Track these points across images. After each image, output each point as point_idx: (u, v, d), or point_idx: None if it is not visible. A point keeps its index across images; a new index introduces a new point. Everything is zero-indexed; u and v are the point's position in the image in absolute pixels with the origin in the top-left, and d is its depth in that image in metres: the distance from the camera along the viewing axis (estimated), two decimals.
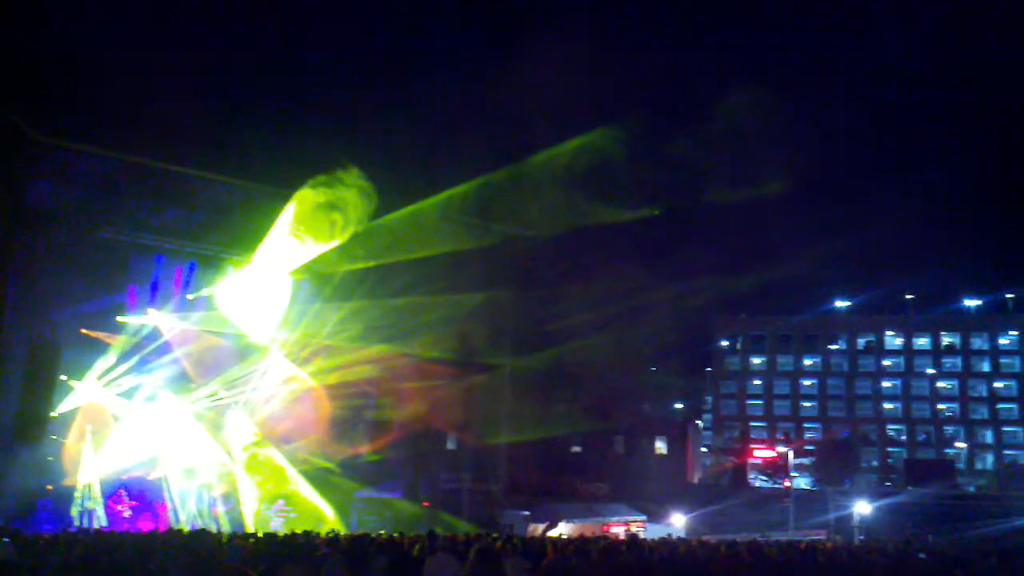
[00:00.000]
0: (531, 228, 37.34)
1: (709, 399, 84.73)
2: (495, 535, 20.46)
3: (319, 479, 34.78)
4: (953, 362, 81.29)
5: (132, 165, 28.76)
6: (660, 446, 66.45)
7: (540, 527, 40.94)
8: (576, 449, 62.52)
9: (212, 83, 31.91)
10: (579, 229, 39.10)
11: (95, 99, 27.57)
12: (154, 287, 31.93)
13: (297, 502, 34.00)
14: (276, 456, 34.46)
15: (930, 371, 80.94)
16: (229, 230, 31.17)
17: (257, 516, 32.95)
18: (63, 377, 29.73)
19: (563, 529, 39.62)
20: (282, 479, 34.23)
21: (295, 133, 32.87)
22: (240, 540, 16.23)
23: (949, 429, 79.60)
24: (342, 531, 24.81)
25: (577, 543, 18.24)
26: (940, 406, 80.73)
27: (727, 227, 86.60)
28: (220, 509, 33.02)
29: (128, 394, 31.96)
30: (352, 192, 30.39)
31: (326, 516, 33.76)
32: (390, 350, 35.81)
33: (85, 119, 27.07)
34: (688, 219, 79.61)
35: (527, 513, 44.28)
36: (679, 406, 78.81)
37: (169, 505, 32.00)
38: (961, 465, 74.40)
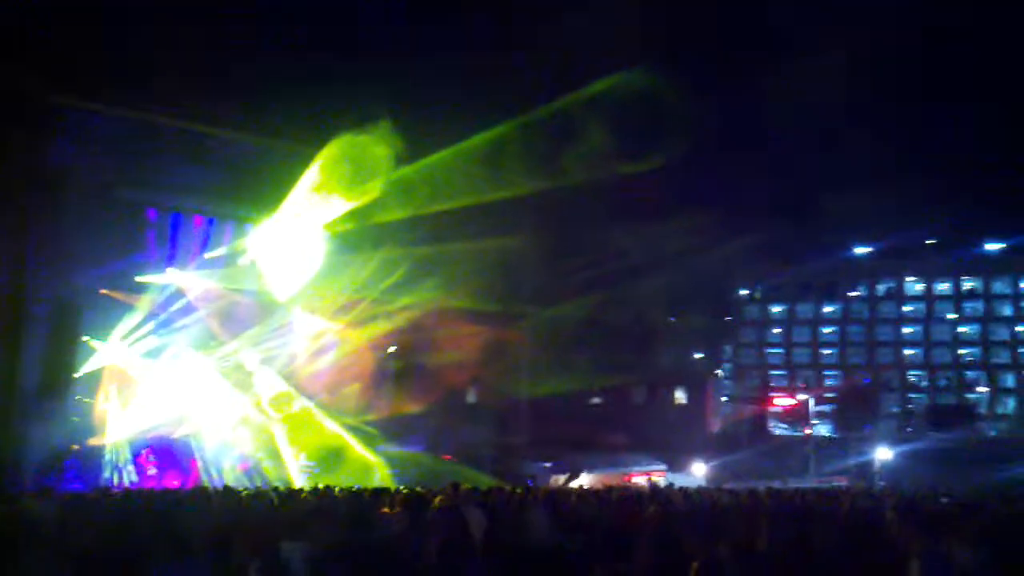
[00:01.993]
0: (553, 178, 37.06)
1: (728, 348, 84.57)
2: (517, 488, 20.56)
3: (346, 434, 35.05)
4: (974, 307, 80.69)
5: (149, 124, 28.66)
6: (680, 396, 66.61)
7: (562, 478, 41.26)
8: (596, 400, 62.71)
9: (231, 39, 31.55)
10: (601, 178, 38.85)
11: (111, 58, 27.41)
12: (173, 246, 31.98)
13: (333, 457, 34.24)
14: (310, 411, 34.69)
15: (951, 316, 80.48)
16: (248, 188, 31.07)
17: (273, 472, 33.24)
18: (85, 338, 29.93)
19: (585, 480, 39.90)
20: (317, 434, 34.48)
21: (319, 88, 32.59)
22: (269, 497, 16.38)
23: (970, 374, 79.31)
24: (391, 487, 25.06)
25: (599, 493, 18.36)
26: (961, 351, 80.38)
27: (746, 175, 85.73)
28: (248, 465, 33.34)
29: (152, 353, 32.15)
30: (381, 146, 30.25)
31: (369, 470, 34.12)
32: (415, 302, 35.87)
33: (101, 78, 26.94)
34: (706, 168, 79.15)
35: (549, 465, 44.62)
36: (698, 356, 78.72)
37: (197, 463, 32.32)
38: (982, 410, 74.20)
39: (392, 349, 38.61)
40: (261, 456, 33.80)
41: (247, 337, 33.76)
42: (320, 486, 20.89)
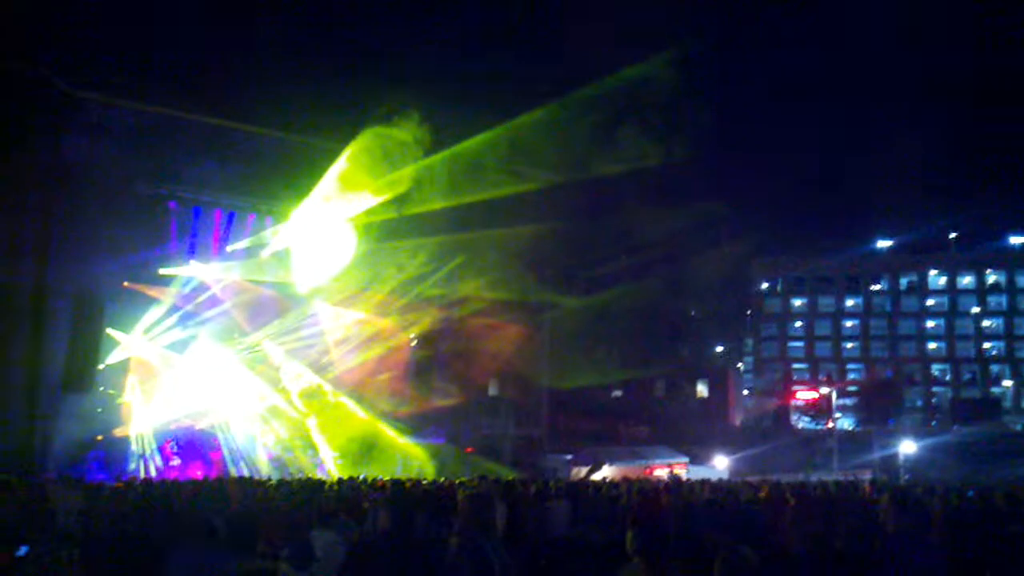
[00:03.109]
0: (574, 171, 36.98)
1: (750, 342, 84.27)
2: (539, 481, 20.57)
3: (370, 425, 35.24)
4: (998, 300, 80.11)
5: (169, 118, 28.82)
6: (701, 389, 66.44)
7: (583, 470, 41.17)
8: (617, 394, 62.66)
9: (253, 34, 31.67)
10: (621, 172, 38.74)
11: (130, 51, 27.59)
12: (194, 238, 32.15)
13: (365, 449, 34.40)
14: (339, 402, 34.86)
15: (975, 310, 79.88)
16: (269, 181, 31.25)
17: (301, 463, 33.42)
18: (108, 330, 30.15)
19: (606, 472, 39.83)
20: (347, 425, 34.64)
21: (343, 81, 32.68)
22: (295, 486, 16.43)
23: (995, 367, 78.75)
24: (430, 476, 25.19)
25: (619, 485, 18.32)
26: (985, 344, 79.82)
27: (767, 167, 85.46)
28: (274, 455, 33.52)
29: (176, 346, 32.36)
30: (409, 138, 30.33)
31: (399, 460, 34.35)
32: (440, 293, 35.97)
33: (120, 72, 27.12)
34: (727, 162, 78.83)
35: (570, 457, 44.55)
36: (720, 349, 78.51)
37: (221, 454, 32.51)
38: (1007, 403, 73.65)
39: (414, 341, 38.69)
40: (289, 447, 33.99)
41: (272, 329, 33.92)
42: (346, 477, 21.00)
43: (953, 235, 79.72)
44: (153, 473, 29.04)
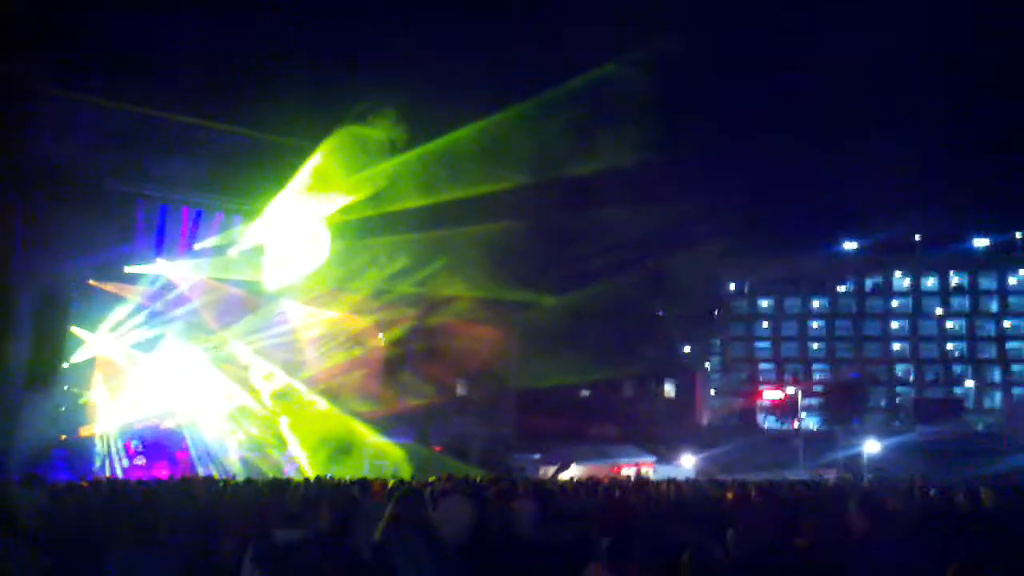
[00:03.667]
0: (542, 171, 37.00)
1: (717, 342, 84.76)
2: (504, 478, 20.55)
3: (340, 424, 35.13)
4: (961, 302, 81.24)
5: (135, 115, 28.52)
6: (668, 389, 66.68)
7: (551, 469, 41.24)
8: (585, 393, 62.72)
9: (223, 32, 31.43)
10: (587, 173, 38.85)
11: (98, 48, 27.27)
12: (160, 237, 31.85)
13: (334, 448, 34.26)
14: (305, 401, 34.71)
15: (938, 311, 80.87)
16: (237, 181, 31.01)
17: (267, 462, 33.24)
18: (73, 328, 29.81)
19: (574, 471, 39.91)
20: (315, 424, 34.49)
21: (313, 82, 32.48)
22: (258, 486, 16.32)
23: (957, 368, 79.76)
24: (406, 476, 25.15)
25: (586, 484, 18.36)
26: (948, 345, 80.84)
27: (734, 169, 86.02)
28: (242, 456, 33.31)
29: (143, 345, 32.08)
30: (381, 137, 30.23)
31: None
32: (408, 293, 35.90)
33: (87, 69, 26.81)
34: (695, 161, 79.20)
35: (537, 456, 44.58)
36: (687, 349, 78.90)
37: (187, 454, 32.27)
38: (969, 404, 74.61)
39: (386, 340, 38.57)
40: (258, 447, 33.81)
41: (240, 328, 33.70)
42: (313, 476, 20.89)
43: (918, 237, 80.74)
44: (119, 473, 28.77)
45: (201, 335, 33.36)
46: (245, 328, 33.90)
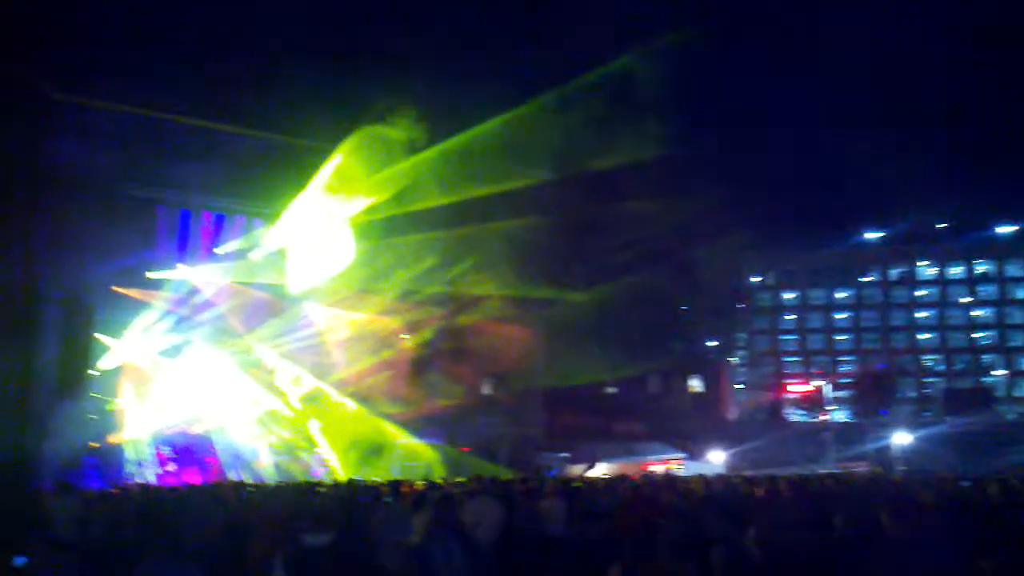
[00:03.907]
0: (563, 166, 36.86)
1: (743, 336, 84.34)
2: (532, 478, 20.53)
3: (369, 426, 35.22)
4: (989, 290, 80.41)
5: (156, 120, 28.68)
6: (695, 384, 66.43)
7: (579, 468, 41.22)
8: (611, 390, 62.57)
9: (241, 34, 31.53)
10: (608, 167, 38.67)
11: (115, 53, 27.41)
12: (182, 242, 31.98)
13: (367, 451, 34.36)
14: (335, 404, 34.81)
15: (965, 300, 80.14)
16: (257, 184, 31.05)
17: (296, 466, 33.38)
18: (98, 335, 30.00)
19: (602, 469, 39.86)
20: (345, 427, 34.59)
21: (332, 83, 32.49)
22: (286, 490, 16.38)
23: (986, 357, 78.99)
24: (436, 476, 25.16)
25: (612, 482, 18.31)
26: (976, 335, 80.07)
27: (756, 161, 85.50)
28: (270, 460, 33.46)
29: (169, 351, 32.27)
30: (402, 140, 30.24)
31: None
32: (434, 293, 35.91)
33: (105, 74, 26.94)
34: (716, 154, 78.85)
35: (565, 455, 44.55)
36: (712, 343, 78.54)
37: (217, 459, 32.44)
38: (1000, 393, 73.84)
39: (413, 340, 38.57)
40: (287, 451, 33.95)
41: (266, 331, 33.82)
42: (345, 479, 20.96)
43: (942, 226, 79.95)
44: (151, 479, 28.98)
45: (227, 340, 33.53)
46: (271, 332, 34.02)
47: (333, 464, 33.62)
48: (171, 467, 31.67)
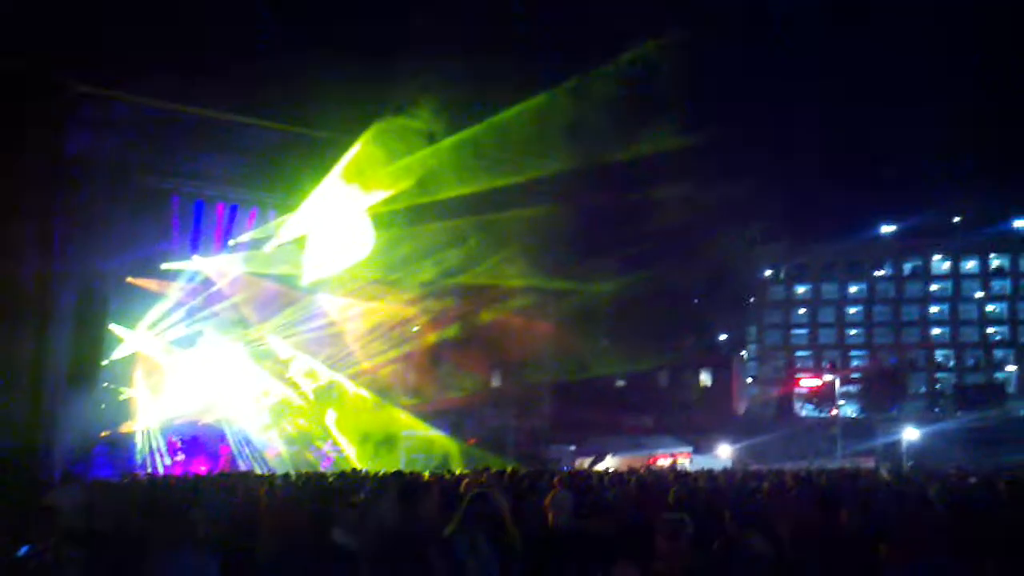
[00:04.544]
0: (579, 157, 36.75)
1: (753, 330, 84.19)
2: (539, 471, 20.56)
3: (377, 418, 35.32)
4: (1002, 285, 79.98)
5: (168, 111, 28.69)
6: (705, 378, 66.45)
7: (587, 461, 41.26)
8: (620, 383, 62.62)
9: (257, 25, 31.54)
10: (624, 159, 38.53)
11: (133, 45, 27.43)
12: (196, 233, 32.02)
13: (379, 442, 34.48)
14: (348, 394, 34.93)
15: (978, 295, 79.77)
16: (272, 175, 31.03)
17: (305, 457, 33.49)
18: (112, 326, 30.10)
19: (610, 462, 39.90)
20: (361, 417, 34.70)
21: (348, 75, 32.43)
22: (292, 480, 16.46)
23: (999, 353, 78.63)
24: (456, 467, 25.23)
25: (623, 476, 18.34)
26: (989, 330, 79.72)
27: (769, 154, 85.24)
28: (280, 450, 33.57)
29: (182, 341, 32.37)
30: (421, 131, 30.20)
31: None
32: (448, 284, 35.94)
33: (121, 65, 26.97)
34: (729, 147, 78.58)
35: (573, 448, 44.61)
36: (723, 337, 78.44)
37: (229, 449, 32.58)
38: (1011, 389, 73.54)
39: (426, 332, 38.59)
40: (298, 441, 34.09)
41: (279, 322, 33.89)
42: (359, 470, 21.04)
43: (956, 220, 79.47)
44: (160, 469, 29.11)
45: (240, 330, 33.63)
46: (284, 322, 34.10)
47: (349, 454, 33.72)
48: (180, 457, 31.81)
